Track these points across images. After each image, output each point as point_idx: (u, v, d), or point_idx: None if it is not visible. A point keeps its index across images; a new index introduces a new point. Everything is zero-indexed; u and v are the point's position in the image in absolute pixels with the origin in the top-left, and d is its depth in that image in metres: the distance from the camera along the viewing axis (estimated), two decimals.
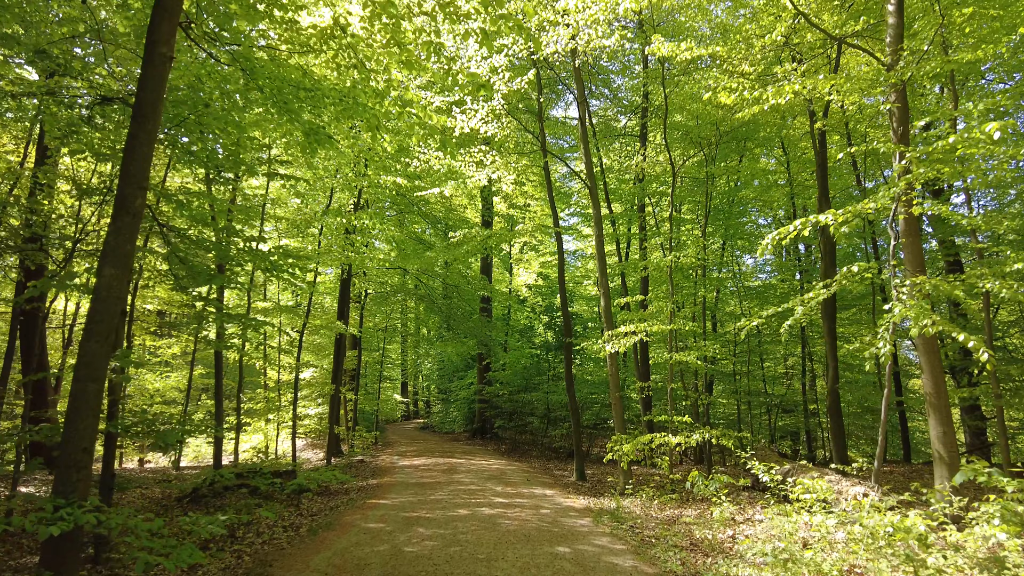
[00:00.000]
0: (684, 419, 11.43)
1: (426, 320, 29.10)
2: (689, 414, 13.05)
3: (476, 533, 7.74)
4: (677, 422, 11.69)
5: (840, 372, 21.06)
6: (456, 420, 28.93)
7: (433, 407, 35.57)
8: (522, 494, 11.27)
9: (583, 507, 10.23)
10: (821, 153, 17.03)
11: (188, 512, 8.88)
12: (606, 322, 12.47)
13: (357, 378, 22.24)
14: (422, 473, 14.24)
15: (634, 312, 13.66)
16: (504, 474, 14.13)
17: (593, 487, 13.12)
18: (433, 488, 11.84)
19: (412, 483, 12.59)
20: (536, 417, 22.10)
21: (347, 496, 11.04)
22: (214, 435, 12.50)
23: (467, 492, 11.32)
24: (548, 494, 11.46)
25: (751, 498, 10.73)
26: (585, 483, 13.67)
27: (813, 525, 7.07)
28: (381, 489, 11.83)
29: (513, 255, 29.61)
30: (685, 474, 12.06)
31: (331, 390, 19.02)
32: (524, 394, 22.06)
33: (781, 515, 7.76)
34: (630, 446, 11.29)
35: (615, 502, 10.80)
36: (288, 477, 10.58)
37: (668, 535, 8.00)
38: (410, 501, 10.25)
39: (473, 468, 15.08)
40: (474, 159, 13.28)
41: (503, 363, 23.38)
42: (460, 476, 13.57)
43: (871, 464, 10.12)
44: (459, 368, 28.80)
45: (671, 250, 12.28)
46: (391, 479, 13.32)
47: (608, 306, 12.55)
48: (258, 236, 12.89)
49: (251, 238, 11.46)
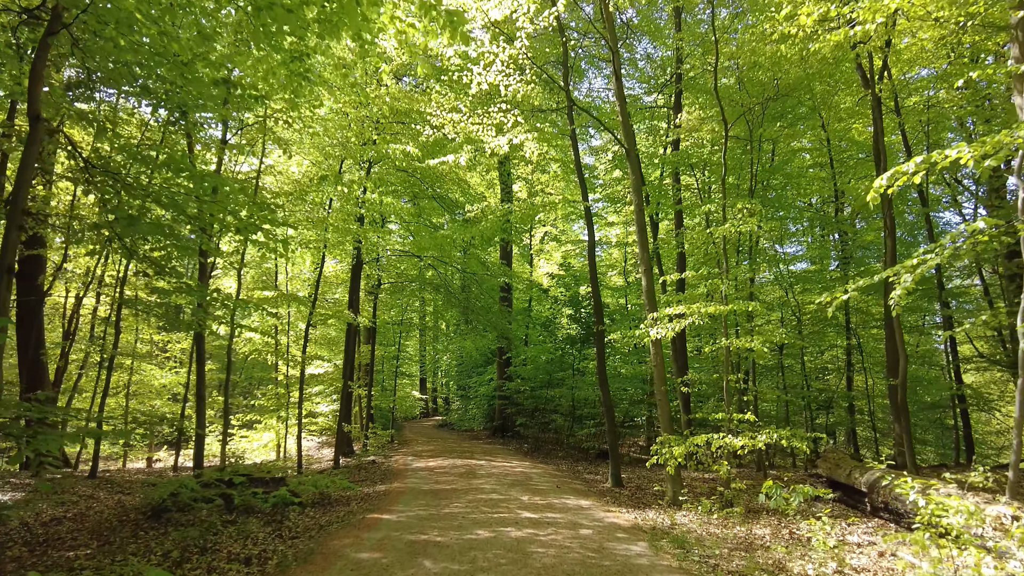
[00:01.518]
0: (746, 417, 9.21)
1: (444, 314, 27.09)
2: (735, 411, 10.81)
3: (502, 570, 5.62)
4: (737, 421, 9.47)
5: (875, 367, 18.69)
6: (475, 418, 26.85)
7: (452, 404, 33.47)
8: (553, 506, 9.13)
9: (630, 524, 8.06)
10: (877, 120, 14.76)
11: (141, 531, 6.89)
12: (648, 304, 10.30)
13: (371, 373, 20.24)
14: (437, 477, 12.17)
15: (671, 295, 11.46)
16: (529, 479, 12.01)
17: (633, 495, 10.94)
18: (448, 497, 9.76)
19: (425, 490, 10.52)
20: (560, 415, 19.96)
21: (346, 508, 9.00)
22: (195, 433, 10.60)
23: (488, 503, 9.21)
24: (584, 506, 9.30)
25: (837, 513, 8.47)
26: (623, 490, 11.51)
27: (972, 566, 4.86)
28: (388, 498, 9.77)
29: (534, 246, 27.49)
30: (744, 482, 9.86)
31: (349, 386, 17.07)
32: (547, 390, 19.92)
33: (911, 544, 5.55)
34: (681, 448, 9.10)
35: (667, 517, 8.62)
36: (273, 485, 8.56)
37: (755, 570, 5.81)
38: (419, 516, 8.17)
39: (494, 471, 12.98)
40: (493, 121, 11.20)
41: (524, 358, 21.27)
42: (480, 482, 11.47)
43: (991, 472, 7.86)
44: (478, 364, 26.73)
45: (724, 220, 10.07)
46: (402, 485, 11.26)
47: (651, 285, 10.37)
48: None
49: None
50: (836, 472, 9.82)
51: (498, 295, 21.03)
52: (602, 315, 12.66)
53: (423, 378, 35.88)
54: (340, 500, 9.70)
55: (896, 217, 19.15)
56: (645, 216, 10.62)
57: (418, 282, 19.19)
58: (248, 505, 7.92)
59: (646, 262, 10.48)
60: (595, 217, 25.49)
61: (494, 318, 20.58)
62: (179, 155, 7.09)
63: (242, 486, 8.04)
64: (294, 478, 10.16)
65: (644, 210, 10.73)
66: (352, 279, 17.52)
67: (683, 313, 9.22)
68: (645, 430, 20.43)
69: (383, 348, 24.54)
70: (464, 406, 28.69)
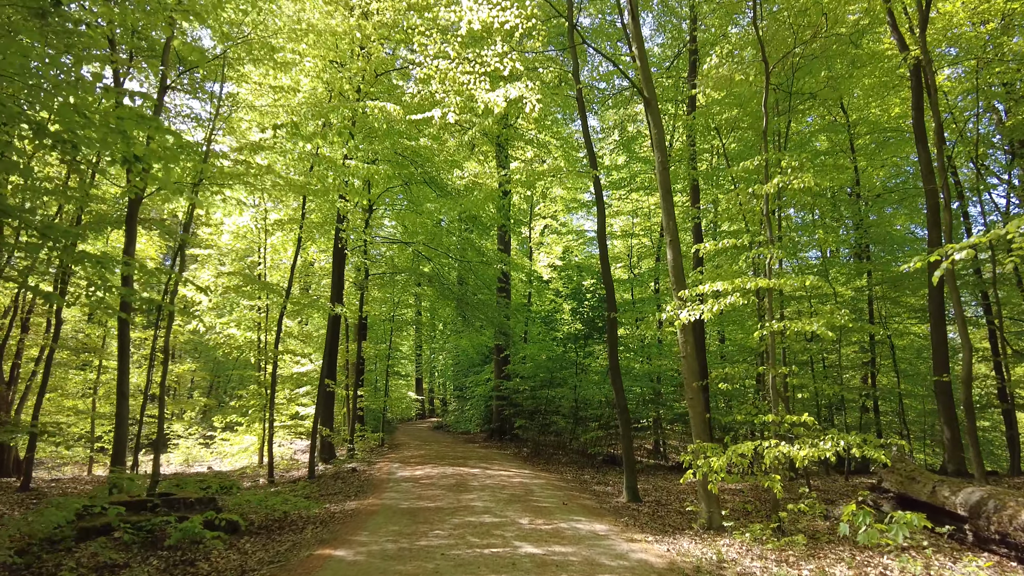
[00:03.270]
0: (802, 419, 7.01)
1: (439, 310, 24.86)
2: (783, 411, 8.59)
3: None
4: (789, 424, 7.26)
5: (899, 363, 16.34)
6: (472, 419, 24.59)
7: (449, 405, 31.14)
8: (561, 534, 6.92)
9: (666, 564, 5.84)
10: (916, 90, 12.67)
11: None
12: (675, 282, 8.11)
13: (358, 372, 18.01)
14: (422, 490, 9.94)
15: (703, 272, 9.21)
16: (530, 493, 9.79)
17: (655, 513, 8.72)
18: (429, 520, 7.54)
19: (403, 509, 8.29)
20: (562, 416, 17.74)
21: (295, 537, 6.78)
22: (113, 439, 8.37)
23: (478, 529, 6.99)
24: (600, 532, 7.09)
25: (927, 542, 6.24)
26: (641, 506, 9.29)
27: None
28: (354, 522, 7.54)
29: (533, 239, 25.29)
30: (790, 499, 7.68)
31: (329, 385, 14.86)
32: (548, 390, 17.71)
33: None
34: (722, 460, 6.89)
35: (711, 550, 6.39)
36: (199, 508, 6.32)
37: None
38: (384, 552, 5.95)
39: (489, 483, 10.75)
40: (487, 67, 9.04)
41: (523, 355, 19.05)
42: (471, 497, 9.25)
43: None
44: (475, 362, 24.48)
45: (766, 179, 7.90)
46: (376, 501, 9.03)
47: (678, 259, 8.19)
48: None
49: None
50: (911, 487, 7.62)
51: (495, 287, 18.81)
52: (614, 300, 10.48)
53: (419, 378, 33.62)
54: (293, 524, 7.48)
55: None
56: (668, 174, 8.44)
57: (408, 272, 16.98)
58: (158, 535, 5.70)
59: (672, 231, 8.29)
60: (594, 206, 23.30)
61: (491, 312, 18.38)
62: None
63: (154, 510, 5.82)
64: (246, 493, 7.95)
65: (668, 168, 8.56)
66: (335, 266, 15.33)
67: (725, 290, 7.01)
68: (653, 432, 18.22)
69: (374, 345, 22.26)
70: (461, 407, 26.44)
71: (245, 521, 7.21)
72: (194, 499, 6.32)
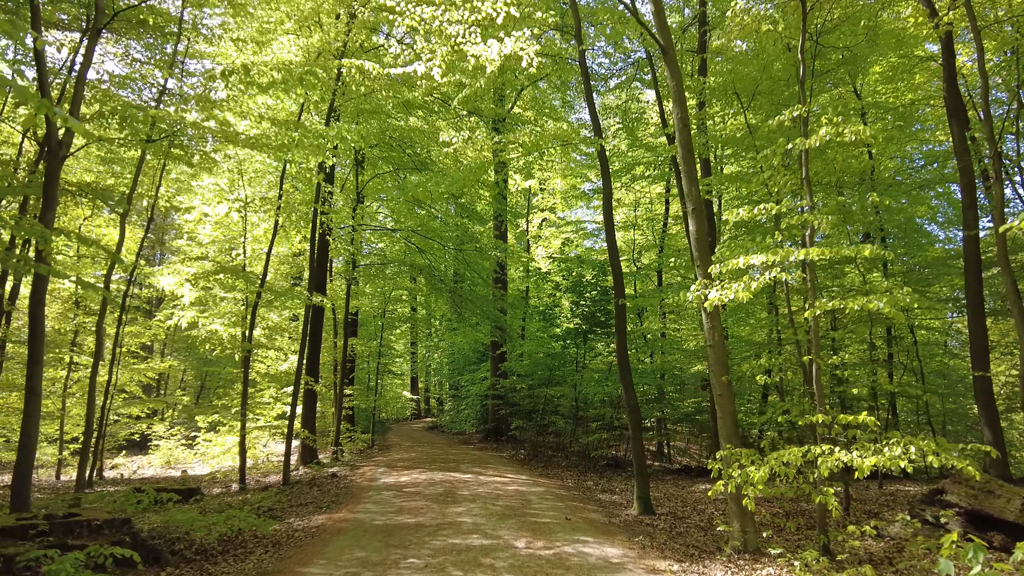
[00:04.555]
0: (862, 419, 5.56)
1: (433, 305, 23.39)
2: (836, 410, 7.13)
3: None
4: (844, 424, 5.81)
5: (920, 359, 14.71)
6: (468, 419, 23.07)
7: (445, 405, 29.59)
8: (566, 561, 5.45)
9: None
10: (948, 61, 11.29)
11: None
12: (699, 258, 6.66)
13: (343, 371, 16.51)
14: (404, 500, 8.46)
15: (731, 245, 7.68)
16: (527, 504, 8.31)
17: (672, 529, 7.26)
18: (406, 541, 6.07)
19: (377, 526, 6.81)
20: (561, 416, 16.29)
21: (233, 568, 5.30)
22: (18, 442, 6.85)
23: (463, 557, 5.52)
24: (613, 557, 5.63)
25: None
26: (654, 519, 7.85)
27: None
28: (314, 545, 6.07)
29: (531, 232, 23.85)
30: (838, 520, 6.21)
31: (308, 383, 13.39)
32: (546, 388, 16.27)
33: None
34: (763, 470, 5.43)
35: None
36: (107, 532, 4.83)
37: None
38: None
39: (481, 491, 9.26)
40: (477, 11, 7.61)
41: (521, 352, 17.59)
42: (459, 510, 7.77)
43: None
44: (471, 360, 22.98)
45: (805, 132, 6.47)
46: (349, 515, 7.55)
47: (702, 229, 6.76)
48: None
49: None
50: (988, 503, 6.18)
51: (491, 278, 17.35)
52: (623, 285, 9.01)
53: (414, 377, 32.08)
54: (241, 546, 6.00)
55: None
56: (691, 135, 7.00)
57: (398, 263, 15.51)
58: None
59: (695, 198, 6.85)
60: (594, 198, 21.85)
61: (487, 306, 16.92)
62: None
63: (39, 538, 4.35)
64: (183, 510, 6.45)
65: (690, 126, 7.12)
66: (319, 252, 13.85)
67: (771, 261, 5.55)
68: (656, 433, 16.76)
69: (365, 342, 20.76)
70: (456, 407, 24.92)
71: (184, 543, 5.74)
72: (102, 521, 4.84)
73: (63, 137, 6.27)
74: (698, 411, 16.51)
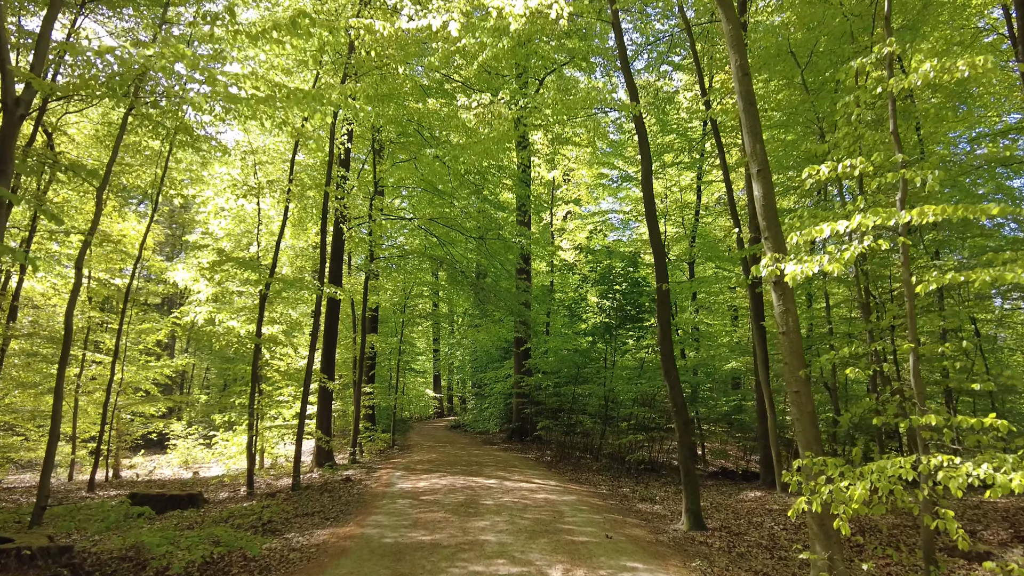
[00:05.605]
0: (989, 421, 4.28)
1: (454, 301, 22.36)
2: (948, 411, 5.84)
3: None
4: (966, 428, 4.54)
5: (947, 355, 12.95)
6: (491, 418, 21.98)
7: (468, 403, 28.56)
8: None
9: None
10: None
11: None
12: (768, 225, 5.45)
13: (361, 368, 15.53)
14: (420, 511, 7.38)
15: (809, 212, 6.35)
16: (560, 516, 7.16)
17: (730, 548, 6.05)
18: (420, 566, 4.99)
19: (387, 546, 5.74)
20: (589, 416, 15.11)
21: None
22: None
23: None
24: None
25: None
26: (708, 535, 6.63)
27: None
28: (311, 569, 5.02)
29: (555, 224, 22.66)
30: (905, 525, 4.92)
31: (322, 381, 12.47)
32: (573, 386, 15.11)
33: None
34: (860, 487, 4.19)
35: None
36: (40, 563, 3.82)
37: None
38: None
39: (507, 500, 8.13)
40: None
41: (546, 348, 16.43)
42: (482, 524, 6.66)
43: None
44: (494, 358, 21.88)
45: (890, 71, 5.23)
46: (357, 529, 6.50)
47: (769, 192, 5.53)
48: None
49: None
50: None
51: (515, 269, 16.23)
52: (665, 268, 7.80)
53: (437, 375, 31.11)
54: (223, 571, 4.97)
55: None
56: (751, 84, 5.79)
57: (417, 255, 14.47)
58: None
59: (761, 157, 5.64)
60: (620, 188, 20.57)
61: (510, 300, 15.80)
62: None
63: None
64: (158, 530, 5.47)
65: (750, 74, 5.90)
66: (334, 242, 12.93)
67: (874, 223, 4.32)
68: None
69: (385, 339, 19.79)
70: (479, 405, 23.84)
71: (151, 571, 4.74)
72: (35, 550, 3.84)
73: (22, 94, 5.34)
74: (736, 410, 15.18)
